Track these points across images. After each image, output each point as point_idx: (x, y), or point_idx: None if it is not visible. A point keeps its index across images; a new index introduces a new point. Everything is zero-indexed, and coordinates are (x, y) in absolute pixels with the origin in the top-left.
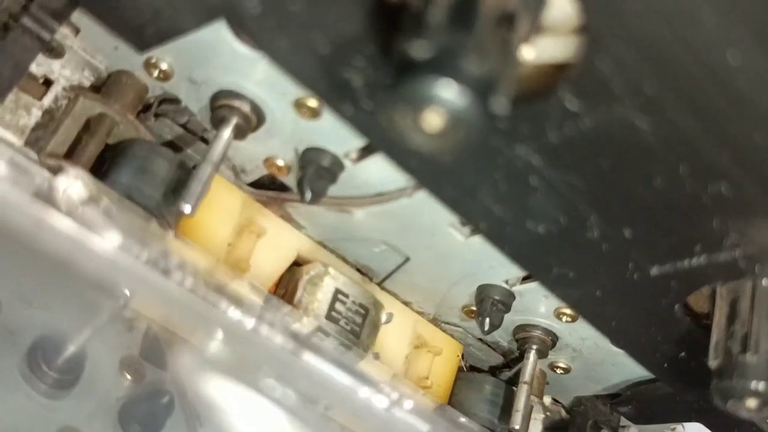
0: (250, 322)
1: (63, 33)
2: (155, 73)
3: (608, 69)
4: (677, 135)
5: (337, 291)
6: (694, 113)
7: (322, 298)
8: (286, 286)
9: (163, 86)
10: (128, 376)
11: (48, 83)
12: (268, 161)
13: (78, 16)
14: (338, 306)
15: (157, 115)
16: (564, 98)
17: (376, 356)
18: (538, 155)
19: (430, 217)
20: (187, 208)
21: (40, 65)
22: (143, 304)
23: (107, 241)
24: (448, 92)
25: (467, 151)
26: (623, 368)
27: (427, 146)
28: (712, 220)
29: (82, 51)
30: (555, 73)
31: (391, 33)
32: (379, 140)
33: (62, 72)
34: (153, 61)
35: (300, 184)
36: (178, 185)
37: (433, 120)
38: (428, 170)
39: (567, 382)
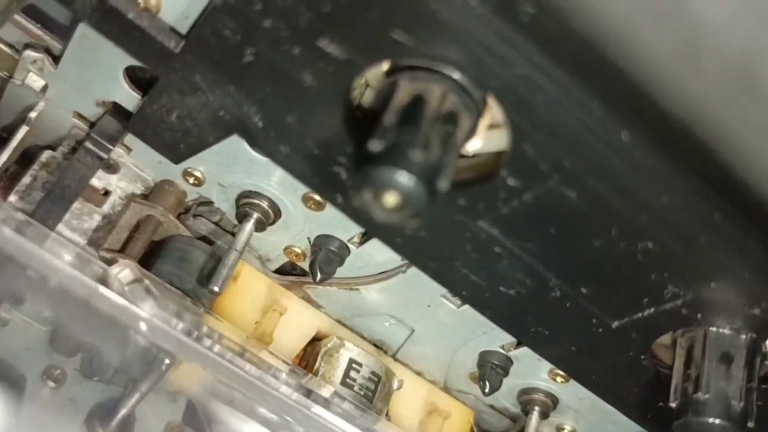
0: (274, 384)
1: (118, 152)
2: (191, 180)
3: (533, 152)
4: (601, 202)
5: (351, 360)
6: (608, 182)
7: (337, 366)
8: (307, 359)
9: (198, 190)
10: None
11: (107, 193)
12: (287, 249)
13: (130, 139)
14: (352, 374)
15: (195, 216)
16: (506, 178)
17: (388, 418)
18: (496, 228)
19: (425, 289)
20: (215, 288)
21: (101, 179)
22: (182, 374)
23: (147, 311)
24: (399, 177)
25: (440, 227)
26: (623, 427)
27: (388, 219)
28: (650, 275)
29: (134, 166)
30: (495, 160)
31: (363, 134)
32: (365, 223)
33: (119, 184)
34: (189, 170)
35: (311, 266)
36: (212, 271)
37: (389, 199)
38: (411, 246)
39: None
